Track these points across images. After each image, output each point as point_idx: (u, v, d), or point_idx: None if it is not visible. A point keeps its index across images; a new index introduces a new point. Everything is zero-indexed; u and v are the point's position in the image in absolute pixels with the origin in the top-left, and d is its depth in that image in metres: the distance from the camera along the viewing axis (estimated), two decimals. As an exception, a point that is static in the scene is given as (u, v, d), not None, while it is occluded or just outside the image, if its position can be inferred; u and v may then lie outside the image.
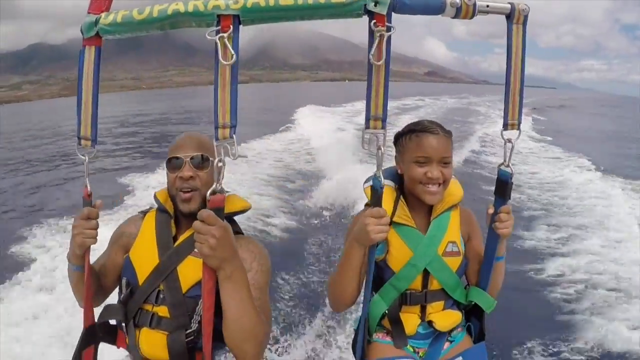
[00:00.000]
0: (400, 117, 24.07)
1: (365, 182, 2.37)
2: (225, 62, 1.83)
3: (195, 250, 1.91)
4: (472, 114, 35.02)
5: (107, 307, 2.31)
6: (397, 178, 2.52)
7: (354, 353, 2.49)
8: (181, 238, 2.30)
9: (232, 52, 1.82)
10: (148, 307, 2.24)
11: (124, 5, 2.03)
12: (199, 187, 2.25)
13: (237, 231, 2.41)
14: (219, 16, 1.83)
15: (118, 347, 2.41)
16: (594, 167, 15.26)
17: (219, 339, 2.01)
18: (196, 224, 1.77)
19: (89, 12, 2.02)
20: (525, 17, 2.05)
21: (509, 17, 2.04)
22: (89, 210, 2.10)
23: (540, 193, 12.12)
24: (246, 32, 1.90)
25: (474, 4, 1.92)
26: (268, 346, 5.17)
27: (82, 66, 2.07)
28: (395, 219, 2.39)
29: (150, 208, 2.51)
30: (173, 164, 2.30)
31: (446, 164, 2.35)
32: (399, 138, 2.44)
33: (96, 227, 2.12)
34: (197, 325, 2.16)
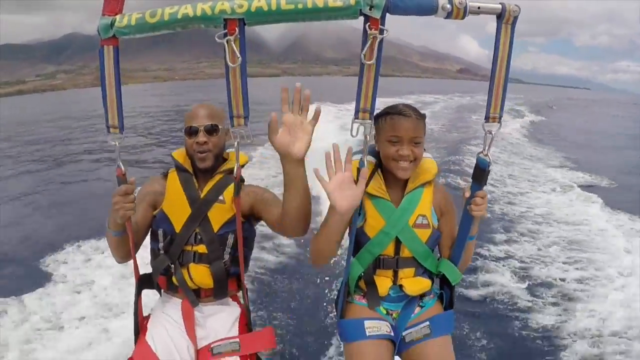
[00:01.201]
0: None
1: (354, 155, 2.53)
2: (232, 65, 2.09)
3: (220, 198, 2.75)
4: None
5: (155, 261, 2.80)
6: (377, 155, 2.70)
7: (336, 311, 2.83)
8: (205, 190, 2.80)
9: (238, 55, 2.07)
10: (188, 247, 2.75)
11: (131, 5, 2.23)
12: (211, 149, 2.77)
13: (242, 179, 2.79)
14: (225, 20, 2.03)
15: (159, 289, 2.93)
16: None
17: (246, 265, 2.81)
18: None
19: (103, 14, 2.21)
20: (515, 18, 2.16)
21: (500, 17, 2.15)
22: (126, 187, 2.41)
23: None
24: (277, 27, 2.12)
25: (465, 6, 2.06)
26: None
27: (103, 64, 2.27)
28: (370, 190, 2.60)
29: (167, 169, 2.94)
30: (190, 131, 2.76)
31: (417, 143, 2.53)
32: (377, 119, 2.58)
33: (134, 200, 2.45)
34: (228, 256, 2.77)
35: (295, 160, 2.20)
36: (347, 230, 2.55)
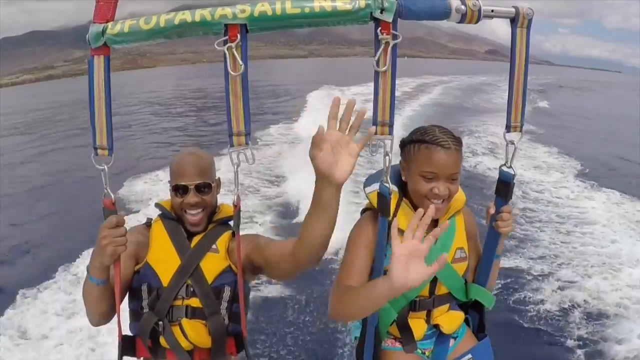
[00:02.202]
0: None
1: (367, 185, 2.39)
2: (234, 74, 1.92)
3: (213, 247, 2.47)
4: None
5: (141, 321, 2.43)
6: (399, 181, 2.41)
7: None
8: (196, 239, 2.52)
9: (241, 63, 1.91)
10: (178, 302, 2.42)
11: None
12: (205, 207, 2.52)
13: (233, 232, 2.53)
14: (226, 25, 1.89)
15: (139, 357, 2.55)
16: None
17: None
18: None
19: (94, 22, 2.03)
20: (529, 20, 2.07)
21: (514, 21, 2.07)
22: (116, 218, 2.14)
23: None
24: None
25: (479, 9, 1.96)
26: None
27: (92, 76, 2.06)
28: (401, 226, 2.08)
29: (150, 219, 2.66)
30: (178, 191, 2.48)
31: (454, 180, 2.26)
32: (406, 144, 2.33)
33: (125, 234, 2.16)
34: (225, 311, 2.46)
35: (334, 184, 1.87)
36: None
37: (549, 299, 6.86)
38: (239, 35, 1.90)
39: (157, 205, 2.65)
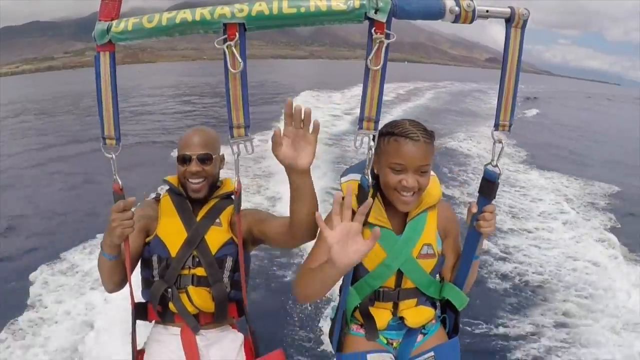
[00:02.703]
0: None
1: (344, 175, 2.48)
2: (234, 71, 2.00)
3: (217, 221, 2.72)
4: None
5: (152, 288, 2.68)
6: (373, 174, 2.40)
7: (332, 342, 2.61)
8: (201, 213, 2.76)
9: (240, 61, 1.99)
10: (185, 271, 2.67)
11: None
12: (206, 177, 2.72)
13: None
14: (225, 24, 1.96)
15: (150, 321, 2.80)
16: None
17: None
18: None
19: (99, 20, 2.12)
20: (525, 21, 2.10)
21: (509, 21, 2.09)
22: (124, 203, 2.31)
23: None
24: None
25: (474, 10, 1.99)
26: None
27: (99, 71, 2.18)
28: (370, 219, 2.34)
29: (158, 194, 2.87)
30: (183, 159, 2.71)
31: (423, 172, 2.27)
32: (378, 137, 2.24)
33: (132, 217, 2.35)
34: (227, 279, 2.71)
35: (301, 172, 2.11)
36: None
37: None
38: (237, 34, 1.96)
39: (165, 180, 2.86)
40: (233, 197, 2.56)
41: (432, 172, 2.40)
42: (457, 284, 2.49)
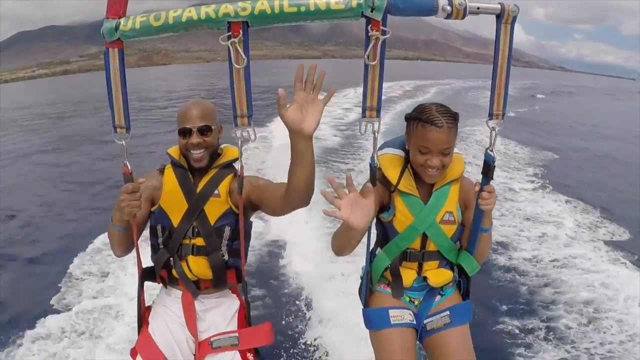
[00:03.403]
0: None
1: (380, 149, 2.75)
2: (238, 66, 2.17)
3: (215, 192, 2.80)
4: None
5: (156, 255, 2.88)
6: (405, 149, 2.73)
7: (360, 298, 2.96)
8: (201, 185, 2.84)
9: (244, 56, 2.16)
10: (186, 241, 2.82)
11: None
12: (206, 147, 2.80)
13: (235, 173, 2.89)
14: (229, 22, 2.10)
15: (158, 283, 2.96)
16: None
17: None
18: None
19: (107, 17, 2.26)
20: (514, 17, 2.22)
21: (499, 17, 2.21)
22: (132, 185, 2.49)
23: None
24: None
25: (465, 7, 2.12)
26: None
27: (109, 66, 2.33)
28: (401, 187, 2.67)
29: (163, 165, 2.98)
30: (183, 132, 2.78)
31: (446, 154, 2.53)
32: (408, 120, 2.62)
33: (140, 198, 2.54)
34: (225, 247, 2.84)
35: (305, 136, 2.18)
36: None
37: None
38: (241, 32, 2.12)
39: (168, 153, 2.96)
40: (235, 160, 2.85)
41: (456, 150, 2.67)
42: (468, 251, 2.77)
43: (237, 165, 2.74)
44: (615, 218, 9.97)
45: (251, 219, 2.99)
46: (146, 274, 2.92)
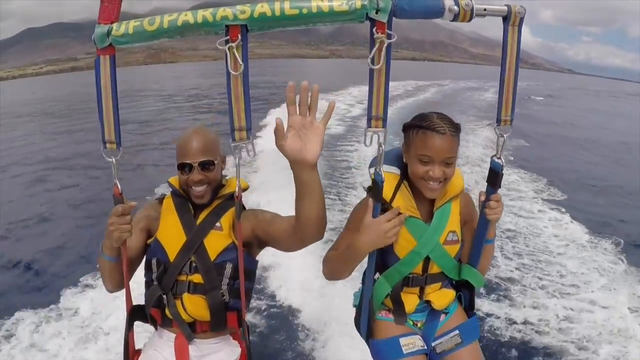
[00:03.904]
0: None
1: (371, 166, 2.47)
2: (234, 73, 2.01)
3: (217, 224, 2.58)
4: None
5: (147, 292, 2.61)
6: (402, 163, 2.55)
7: (358, 330, 2.75)
8: (201, 216, 2.63)
9: (241, 63, 2.00)
10: (182, 277, 2.56)
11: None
12: (209, 183, 2.61)
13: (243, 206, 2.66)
14: (227, 26, 1.97)
15: (151, 324, 2.71)
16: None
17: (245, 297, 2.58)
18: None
19: (99, 23, 2.11)
20: (521, 19, 2.14)
21: (506, 19, 2.13)
22: (122, 207, 2.29)
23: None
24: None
25: (472, 8, 2.04)
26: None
27: (99, 75, 2.17)
28: (402, 210, 2.44)
29: (163, 195, 2.78)
30: (183, 168, 2.59)
31: (449, 163, 2.37)
32: (407, 129, 2.46)
33: (130, 222, 2.33)
34: (226, 287, 2.57)
35: (308, 166, 2.00)
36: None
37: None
38: (239, 36, 1.98)
39: (168, 182, 2.76)
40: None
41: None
42: (471, 264, 2.64)
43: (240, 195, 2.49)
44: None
45: (257, 258, 2.77)
46: (136, 312, 2.66)
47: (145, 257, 2.66)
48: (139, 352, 2.68)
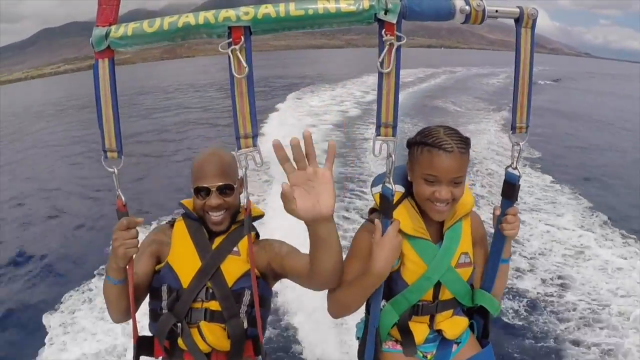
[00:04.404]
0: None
1: (374, 185, 2.36)
2: (238, 76, 1.90)
3: (234, 249, 2.44)
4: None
5: (159, 321, 2.43)
6: (407, 181, 2.37)
7: None
8: (217, 240, 2.49)
9: (245, 65, 1.90)
10: (197, 305, 2.42)
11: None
12: (227, 208, 2.46)
13: (257, 234, 2.63)
14: (229, 28, 1.88)
15: (157, 357, 2.57)
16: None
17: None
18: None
19: (97, 25, 2.01)
20: (534, 21, 2.07)
21: (518, 21, 2.06)
22: (127, 221, 2.14)
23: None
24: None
25: (484, 10, 1.96)
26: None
27: (98, 79, 2.06)
28: (407, 230, 2.27)
29: (174, 218, 2.64)
30: (200, 193, 2.44)
31: (457, 183, 2.19)
32: (411, 145, 2.29)
33: (136, 236, 2.17)
34: (245, 314, 2.43)
35: (325, 219, 1.82)
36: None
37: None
38: (242, 38, 1.88)
39: (181, 204, 2.62)
40: (258, 217, 2.51)
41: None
42: (485, 287, 2.46)
43: (256, 224, 2.43)
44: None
45: (273, 288, 2.63)
46: (143, 345, 2.53)
47: (152, 284, 2.51)
48: None
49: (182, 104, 31.41)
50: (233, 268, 2.43)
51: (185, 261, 2.45)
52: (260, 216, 2.55)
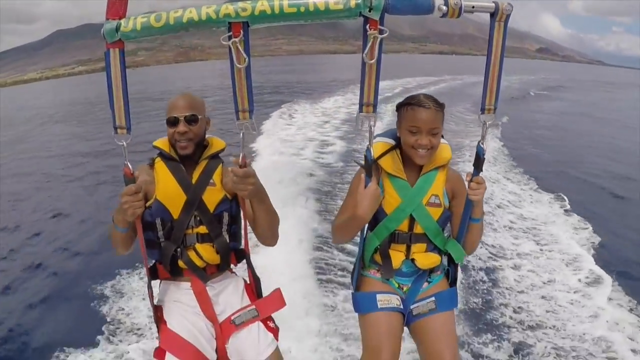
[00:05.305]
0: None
1: (376, 136, 2.88)
2: (239, 66, 2.24)
3: (211, 181, 2.91)
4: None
5: (162, 250, 2.91)
6: (397, 138, 2.85)
7: (352, 282, 3.08)
8: (195, 175, 2.92)
9: (245, 56, 2.23)
10: (189, 231, 2.91)
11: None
12: (192, 138, 2.86)
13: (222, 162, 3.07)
14: (230, 23, 2.18)
15: (161, 279, 3.05)
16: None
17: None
18: (236, 174, 2.54)
19: (107, 18, 2.32)
20: (508, 16, 2.28)
21: (493, 15, 2.27)
22: (135, 186, 2.61)
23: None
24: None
25: (460, 6, 2.18)
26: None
27: (110, 66, 2.39)
28: (389, 170, 2.82)
29: (152, 158, 3.01)
30: (171, 122, 2.84)
31: (435, 134, 2.68)
32: (399, 107, 2.77)
33: (142, 199, 2.68)
34: (226, 232, 2.98)
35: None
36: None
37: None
38: (241, 32, 2.19)
39: (155, 146, 2.99)
40: (222, 150, 3.01)
41: (445, 141, 2.88)
42: (457, 239, 2.89)
43: (227, 156, 2.86)
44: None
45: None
46: (152, 272, 3.00)
47: (144, 218, 2.87)
48: (159, 308, 2.97)
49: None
50: (212, 197, 2.91)
51: (172, 196, 2.87)
52: (223, 149, 3.05)
